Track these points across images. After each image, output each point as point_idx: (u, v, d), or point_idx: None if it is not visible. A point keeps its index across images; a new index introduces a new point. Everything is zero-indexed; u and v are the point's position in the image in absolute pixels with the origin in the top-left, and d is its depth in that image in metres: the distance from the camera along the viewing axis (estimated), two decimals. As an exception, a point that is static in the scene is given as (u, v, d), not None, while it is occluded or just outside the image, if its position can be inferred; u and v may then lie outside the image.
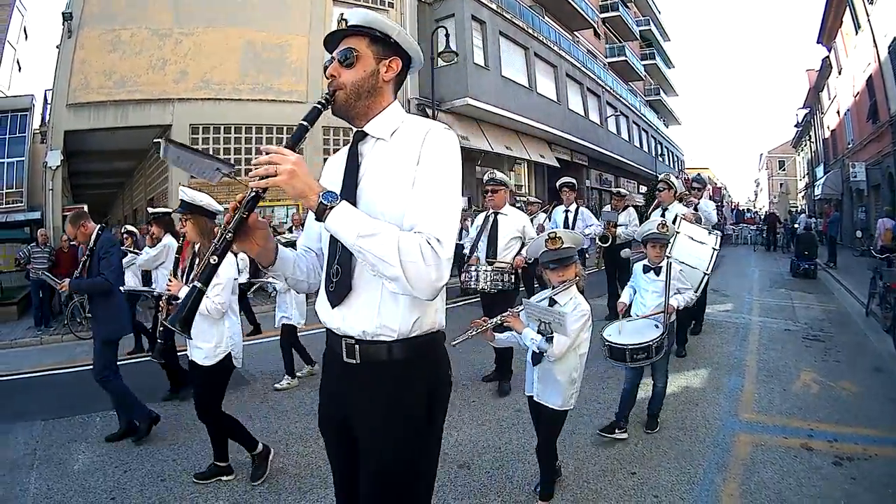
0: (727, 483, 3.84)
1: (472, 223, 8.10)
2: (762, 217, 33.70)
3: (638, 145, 39.53)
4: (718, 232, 5.90)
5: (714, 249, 5.43)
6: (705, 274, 5.36)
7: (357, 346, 1.85)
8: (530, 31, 23.87)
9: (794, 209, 41.05)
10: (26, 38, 26.66)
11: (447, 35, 16.47)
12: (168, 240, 6.57)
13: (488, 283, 5.87)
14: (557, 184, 9.66)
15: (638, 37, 46.59)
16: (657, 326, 4.44)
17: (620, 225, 9.16)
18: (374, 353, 1.84)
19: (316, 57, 17.93)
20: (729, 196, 76.49)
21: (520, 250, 6.04)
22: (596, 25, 35.86)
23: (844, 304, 11.09)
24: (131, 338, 8.33)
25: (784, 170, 65.86)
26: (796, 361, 6.84)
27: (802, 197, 50.21)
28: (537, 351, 3.41)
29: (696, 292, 5.16)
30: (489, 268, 5.94)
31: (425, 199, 1.74)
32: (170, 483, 4.17)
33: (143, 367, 7.00)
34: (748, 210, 44.25)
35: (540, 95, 24.29)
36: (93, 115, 15.72)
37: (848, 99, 25.41)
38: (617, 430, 4.63)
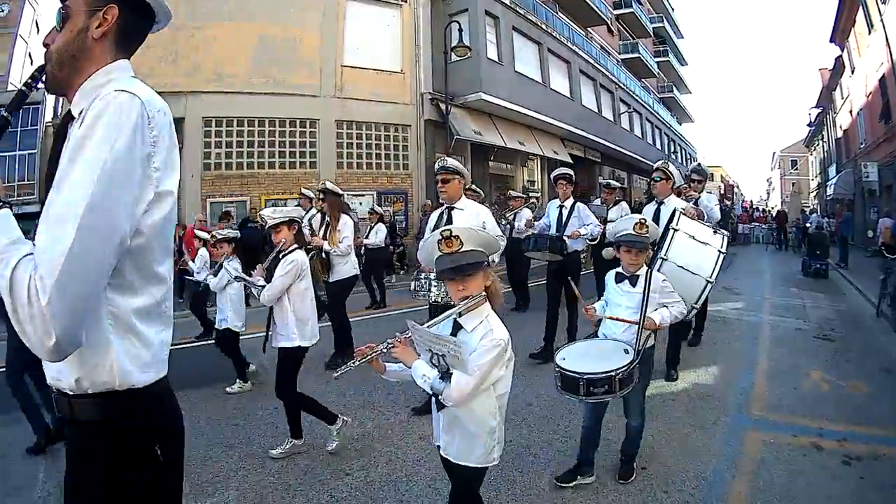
0: (736, 480, 3.86)
1: (425, 222, 7.94)
2: (772, 215, 33.52)
3: (651, 142, 39.37)
4: (725, 232, 5.13)
5: (720, 252, 4.76)
6: (707, 282, 4.66)
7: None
8: (544, 26, 23.80)
9: (806, 208, 40.82)
10: (38, 31, 26.75)
11: (460, 30, 16.47)
12: None
13: (443, 294, 4.80)
14: (552, 175, 8.21)
15: (651, 34, 46.34)
16: (627, 352, 3.54)
17: (611, 221, 8.09)
18: (62, 409, 1.49)
19: (329, 51, 17.97)
20: (741, 195, 76.15)
21: None
22: (609, 22, 35.66)
23: (855, 305, 11.05)
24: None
25: (797, 169, 65.40)
26: (807, 360, 6.83)
27: (815, 196, 49.90)
28: (430, 392, 2.49)
29: (696, 304, 4.66)
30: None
31: (47, 209, 1.31)
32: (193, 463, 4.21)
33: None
34: (757, 208, 43.84)
35: (553, 91, 24.22)
36: (105, 107, 15.77)
37: (861, 99, 25.22)
38: (580, 476, 3.90)
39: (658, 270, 4.45)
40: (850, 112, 27.98)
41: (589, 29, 32.53)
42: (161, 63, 16.14)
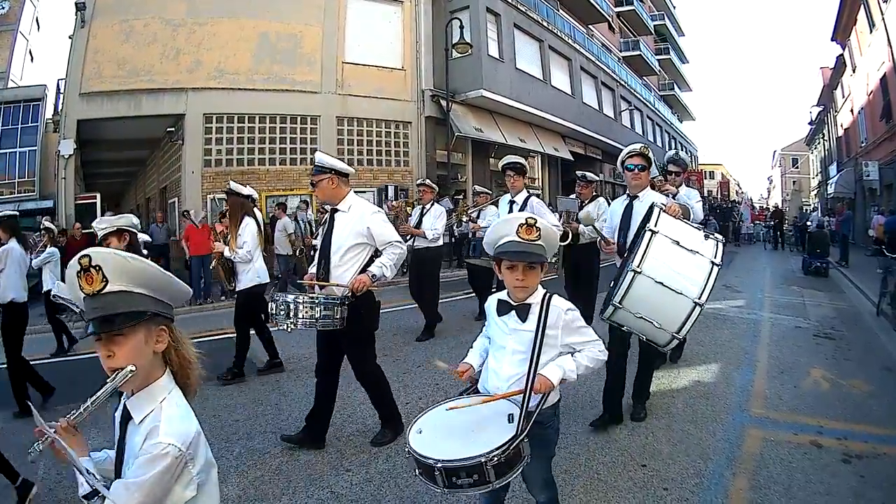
0: (736, 477, 3.86)
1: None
2: (770, 212, 33.57)
3: (652, 140, 39.36)
4: (719, 237, 3.71)
5: (713, 264, 3.47)
6: (696, 304, 3.38)
7: None
8: (545, 23, 23.81)
9: (806, 207, 40.81)
10: (38, 28, 26.76)
11: (461, 27, 16.50)
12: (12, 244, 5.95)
13: (308, 319, 4.10)
14: (500, 164, 7.23)
15: (652, 31, 46.30)
16: (512, 421, 2.37)
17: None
18: None
19: (330, 48, 17.98)
20: (745, 193, 76.03)
21: (368, 264, 4.31)
22: (610, 19, 35.64)
23: (855, 303, 11.06)
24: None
25: (797, 167, 65.38)
26: (807, 358, 6.83)
27: (815, 195, 49.88)
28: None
29: (678, 333, 3.47)
30: (316, 296, 4.22)
31: None
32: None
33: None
34: (754, 206, 43.68)
35: (554, 88, 24.25)
36: (106, 104, 15.79)
37: (862, 97, 25.22)
38: None
39: (627, 287, 3.47)
40: (851, 111, 27.99)
41: (590, 26, 32.51)
42: (162, 60, 16.18)
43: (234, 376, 6.37)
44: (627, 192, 4.98)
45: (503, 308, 2.69)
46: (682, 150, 49.89)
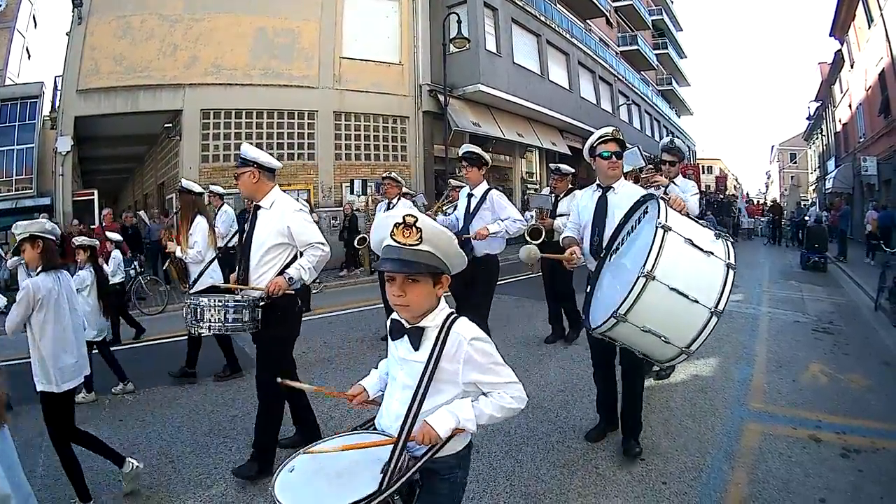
0: (735, 471, 3.86)
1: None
2: (767, 207, 33.49)
3: (650, 135, 39.35)
4: (727, 235, 3.18)
5: (728, 267, 2.97)
6: (712, 313, 2.88)
7: None
8: (542, 18, 23.77)
9: (804, 202, 40.82)
10: (35, 25, 26.65)
11: (459, 21, 16.49)
12: None
13: (216, 324, 3.91)
14: (460, 152, 6.68)
15: (650, 26, 46.27)
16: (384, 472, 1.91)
17: (561, 215, 6.81)
18: None
19: (327, 43, 17.93)
20: (740, 186, 76.02)
21: (287, 265, 3.99)
22: (608, 14, 35.61)
23: (854, 298, 11.07)
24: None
25: (795, 162, 65.36)
26: (805, 353, 6.84)
27: (813, 190, 49.91)
28: None
29: (689, 347, 3.00)
30: (225, 299, 3.96)
31: None
32: (178, 464, 4.22)
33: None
34: (751, 200, 43.52)
35: (552, 83, 24.22)
36: (103, 100, 15.74)
37: (860, 93, 25.21)
38: None
39: (637, 296, 2.86)
40: (850, 106, 27.98)
41: (588, 21, 32.48)
42: (159, 56, 16.12)
43: (233, 372, 6.38)
44: (598, 182, 4.24)
45: (396, 330, 2.16)
46: (679, 142, 50.07)
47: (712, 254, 3.00)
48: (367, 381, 2.38)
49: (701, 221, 3.28)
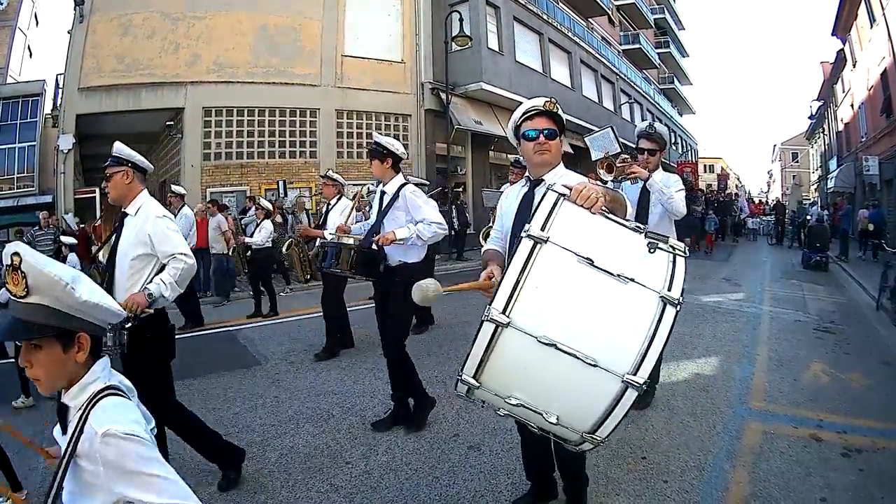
0: (736, 470, 3.86)
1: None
2: (770, 206, 33.35)
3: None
4: (678, 247, 2.04)
5: (665, 302, 1.84)
6: (627, 384, 1.79)
7: None
8: (545, 16, 23.75)
9: (806, 201, 40.78)
10: (37, 24, 26.65)
11: (461, 19, 16.48)
12: None
13: None
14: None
15: (652, 25, 46.17)
16: None
17: None
18: None
19: (329, 40, 17.94)
20: (743, 185, 75.95)
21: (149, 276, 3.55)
22: (610, 12, 35.54)
23: (855, 297, 11.05)
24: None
25: (797, 162, 65.40)
26: (807, 352, 6.83)
27: (815, 189, 49.87)
28: None
29: (593, 434, 1.94)
30: None
31: None
32: (179, 462, 4.20)
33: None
34: (752, 199, 43.07)
35: (554, 81, 24.21)
36: (105, 98, 15.75)
37: (862, 92, 25.17)
38: None
39: (485, 350, 1.89)
40: (852, 105, 27.93)
41: (590, 19, 32.43)
42: (161, 54, 16.14)
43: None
44: (527, 174, 3.10)
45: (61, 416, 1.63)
46: (681, 143, 49.98)
47: (633, 280, 1.86)
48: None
49: (633, 225, 2.09)
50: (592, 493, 3.59)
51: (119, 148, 3.83)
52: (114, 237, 3.67)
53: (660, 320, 1.79)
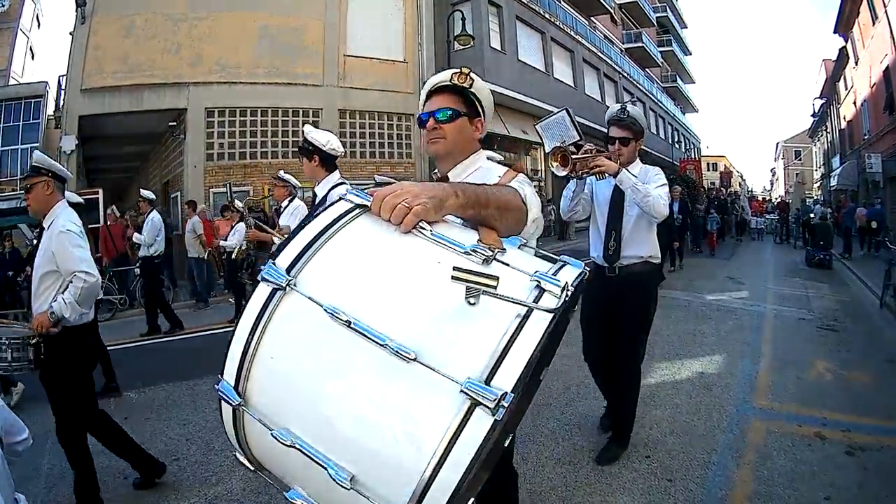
0: (740, 469, 3.86)
1: None
2: (773, 205, 33.22)
3: (654, 132, 39.29)
4: (557, 287, 1.03)
5: (477, 406, 0.90)
6: (427, 482, 0.91)
7: None
8: (547, 15, 23.78)
9: (808, 199, 40.69)
10: (39, 25, 26.69)
11: (463, 19, 16.45)
12: None
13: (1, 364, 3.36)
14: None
15: (655, 23, 46.12)
16: None
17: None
18: None
19: (331, 40, 17.95)
20: (744, 183, 75.81)
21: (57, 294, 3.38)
22: (613, 11, 35.54)
23: (859, 295, 11.04)
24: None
25: (800, 160, 65.27)
26: (811, 350, 6.83)
27: (818, 187, 49.78)
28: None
29: None
30: (2, 337, 3.37)
31: None
32: (183, 462, 4.23)
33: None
34: (754, 196, 42.17)
35: (556, 80, 24.26)
36: (107, 99, 15.78)
37: (865, 90, 25.14)
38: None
39: (236, 432, 1.20)
40: (854, 103, 27.89)
41: (592, 18, 32.43)
42: (164, 54, 16.16)
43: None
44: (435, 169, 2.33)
45: None
46: (684, 141, 49.91)
47: (416, 360, 0.97)
48: None
49: (479, 250, 1.13)
50: (596, 491, 3.60)
51: (38, 157, 3.69)
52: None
53: (458, 433, 0.92)
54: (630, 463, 3.95)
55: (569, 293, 1.04)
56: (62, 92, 17.65)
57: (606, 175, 3.74)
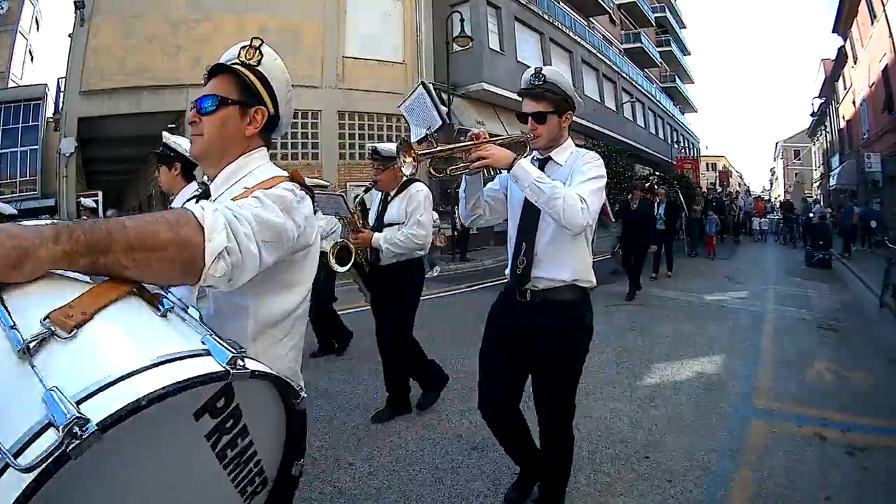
0: (740, 469, 3.85)
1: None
2: (774, 206, 33.05)
3: (654, 132, 39.35)
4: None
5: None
6: None
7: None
8: (545, 16, 23.80)
9: (809, 199, 40.74)
10: (38, 28, 26.77)
11: (462, 20, 16.48)
12: None
13: None
14: None
15: (654, 23, 46.22)
16: None
17: (391, 224, 4.47)
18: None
19: (330, 42, 17.97)
20: (745, 184, 75.80)
21: None
22: (611, 11, 35.60)
23: (859, 295, 11.04)
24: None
25: (800, 159, 65.31)
26: (811, 350, 6.82)
27: (818, 187, 49.82)
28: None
29: None
30: None
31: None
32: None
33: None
34: (750, 193, 40.42)
35: (555, 81, 24.29)
36: (106, 102, 15.80)
37: (864, 89, 25.16)
38: None
39: None
40: (854, 102, 27.91)
41: (591, 18, 32.48)
42: (163, 56, 16.18)
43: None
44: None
45: None
46: (684, 141, 49.93)
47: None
48: None
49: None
50: (596, 492, 3.59)
51: None
52: None
53: None
54: (629, 464, 3.95)
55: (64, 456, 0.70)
56: (61, 94, 17.71)
57: (497, 170, 2.79)
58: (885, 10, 19.94)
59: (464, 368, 6.02)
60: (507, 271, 3.01)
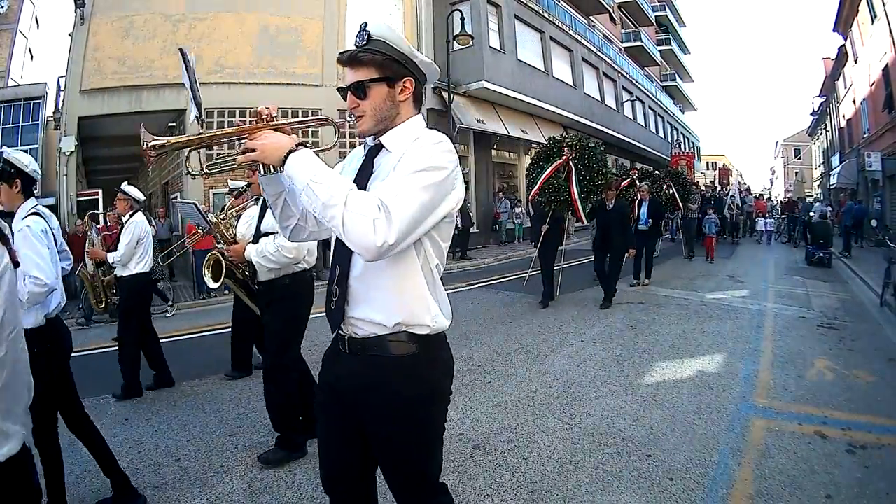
0: (741, 468, 3.86)
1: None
2: (774, 205, 32.88)
3: (654, 131, 39.35)
4: None
5: None
6: None
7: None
8: (546, 14, 23.80)
9: (808, 198, 40.65)
10: (38, 27, 26.75)
11: (462, 18, 16.46)
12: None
13: None
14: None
15: (654, 22, 46.16)
16: None
17: (268, 234, 4.12)
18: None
19: (331, 40, 17.95)
20: (744, 182, 75.67)
21: None
22: (611, 10, 35.54)
23: (859, 294, 11.02)
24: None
25: (800, 158, 65.26)
26: (811, 349, 6.82)
27: (818, 186, 49.78)
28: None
29: None
30: None
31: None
32: (185, 463, 4.22)
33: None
34: (751, 192, 37.76)
35: (556, 79, 24.25)
36: (106, 100, 15.79)
37: (864, 88, 25.12)
38: None
39: None
40: (854, 101, 27.88)
41: (591, 17, 32.45)
42: (162, 55, 16.15)
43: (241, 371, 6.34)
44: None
45: None
46: (684, 140, 49.95)
47: None
48: None
49: None
50: (597, 490, 3.60)
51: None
52: None
53: None
54: (631, 462, 3.96)
55: None
56: (61, 93, 17.69)
57: (268, 169, 2.18)
58: (885, 10, 19.90)
59: (465, 366, 6.04)
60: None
